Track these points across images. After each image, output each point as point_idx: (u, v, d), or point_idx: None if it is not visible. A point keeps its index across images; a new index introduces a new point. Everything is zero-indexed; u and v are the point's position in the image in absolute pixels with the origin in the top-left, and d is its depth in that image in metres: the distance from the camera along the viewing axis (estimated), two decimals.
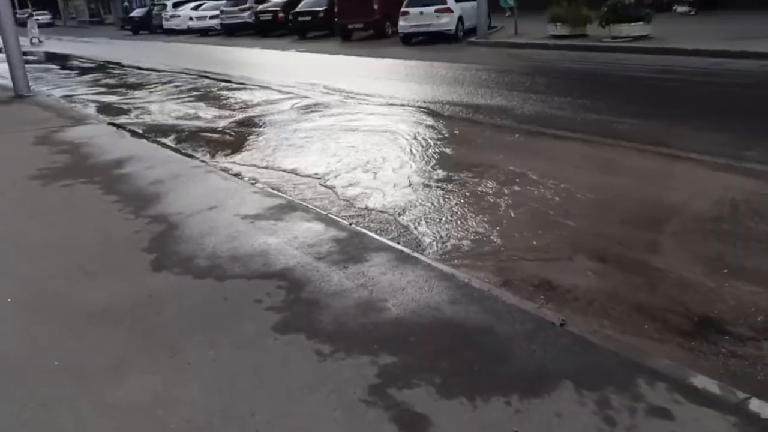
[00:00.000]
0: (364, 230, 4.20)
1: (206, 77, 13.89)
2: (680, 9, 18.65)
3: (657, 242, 3.98)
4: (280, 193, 5.10)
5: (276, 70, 14.75)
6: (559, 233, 4.16)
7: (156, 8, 33.64)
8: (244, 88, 11.84)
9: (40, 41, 30.28)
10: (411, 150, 6.40)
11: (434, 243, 4.12)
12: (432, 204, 4.82)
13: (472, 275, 3.50)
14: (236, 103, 10.29)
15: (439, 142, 6.67)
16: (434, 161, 5.99)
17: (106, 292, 3.43)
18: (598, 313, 3.21)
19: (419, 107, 8.71)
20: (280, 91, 11.08)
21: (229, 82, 12.88)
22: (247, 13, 26.24)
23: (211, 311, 3.17)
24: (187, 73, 14.80)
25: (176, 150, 6.96)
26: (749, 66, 10.12)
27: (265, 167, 6.25)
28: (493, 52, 14.90)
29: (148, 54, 21.47)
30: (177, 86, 12.79)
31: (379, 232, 4.28)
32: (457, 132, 7.15)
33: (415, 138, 6.87)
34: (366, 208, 4.83)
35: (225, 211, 4.60)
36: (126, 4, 46.03)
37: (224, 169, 5.96)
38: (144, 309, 3.23)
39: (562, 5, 15.09)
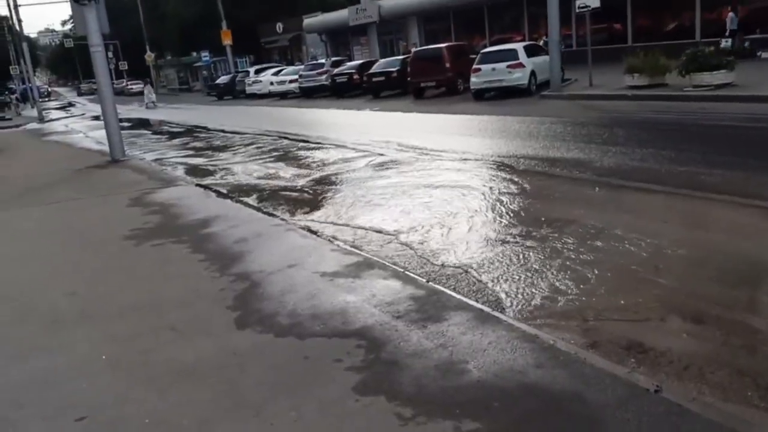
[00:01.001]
0: (442, 288, 4.17)
1: (285, 138, 14.47)
2: (765, 55, 17.97)
3: (756, 301, 3.72)
4: (357, 251, 5.16)
5: (351, 129, 15.20)
6: (648, 292, 3.97)
7: (239, 75, 35.71)
8: (321, 148, 12.23)
9: (155, 105, 33.17)
10: (487, 206, 6.36)
11: (514, 302, 4.02)
12: (511, 260, 4.73)
13: (557, 336, 3.38)
14: (313, 162, 10.62)
15: (515, 197, 6.60)
16: (511, 216, 5.92)
17: (193, 350, 3.54)
18: (695, 378, 3.01)
19: (494, 162, 8.69)
20: (354, 149, 11.36)
21: (307, 141, 13.35)
22: (324, 76, 27.44)
23: (292, 370, 3.20)
24: (267, 135, 15.48)
25: (258, 209, 7.22)
26: None
27: (343, 224, 6.36)
28: (567, 105, 14.79)
29: (232, 117, 22.69)
30: (258, 147, 13.39)
31: (457, 290, 4.22)
32: (533, 186, 7.07)
33: (491, 193, 6.84)
34: (443, 264, 4.79)
35: (304, 269, 4.69)
36: (209, 72, 49.15)
37: (303, 227, 6.11)
38: (228, 368, 3.30)
39: (639, 56, 14.86)
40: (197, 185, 9.06)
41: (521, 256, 4.79)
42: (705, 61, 13.12)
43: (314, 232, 5.91)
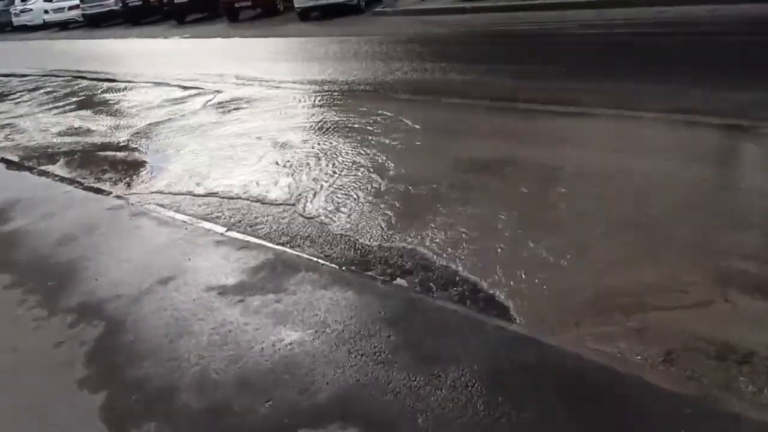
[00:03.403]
0: (423, 296, 2.89)
1: (82, 78, 11.66)
2: None
3: None
4: (252, 239, 3.65)
5: (165, 62, 12.71)
6: (675, 255, 3.05)
7: (2, 3, 29.37)
8: (136, 87, 9.90)
9: None
10: (392, 150, 5.08)
11: (527, 307, 2.88)
12: (488, 236, 3.56)
13: (613, 346, 2.32)
14: (132, 108, 8.43)
15: (419, 135, 5.40)
16: (433, 160, 4.72)
17: None
18: None
19: (362, 91, 7.35)
20: (182, 87, 9.27)
21: (114, 81, 10.80)
22: (113, 0, 23.26)
23: None
24: (57, 75, 12.41)
25: (76, 183, 5.22)
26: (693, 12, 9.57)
27: (208, 195, 4.70)
28: (405, 21, 13.66)
29: (1, 57, 18.34)
30: (49, 93, 10.55)
31: (431, 289, 2.97)
32: (431, 120, 5.89)
33: (385, 132, 5.55)
34: (388, 248, 3.49)
35: (188, 285, 3.12)
36: None
37: (156, 207, 4.37)
38: None
39: None
40: None
41: (496, 227, 3.64)
42: None
43: (177, 213, 4.22)
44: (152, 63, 12.57)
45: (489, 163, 4.45)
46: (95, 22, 23.99)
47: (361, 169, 4.74)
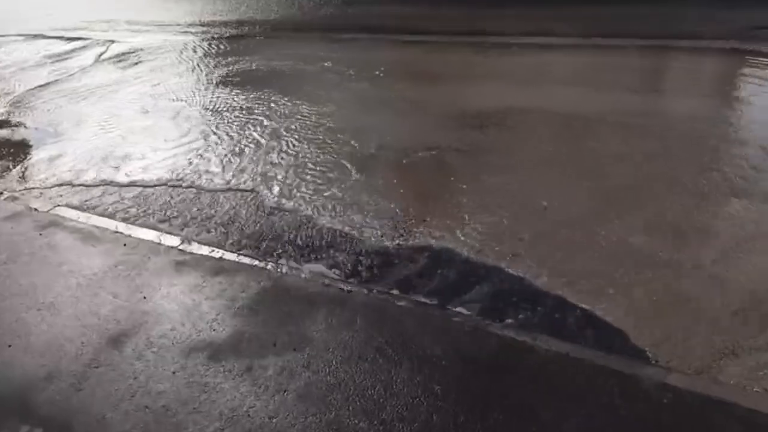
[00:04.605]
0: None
1: None
2: None
3: None
4: (233, 256, 2.66)
5: (34, 5, 10.67)
6: None
7: None
8: (2, 44, 8.10)
9: None
10: (357, 102, 4.13)
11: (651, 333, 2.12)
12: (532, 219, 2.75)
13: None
14: (3, 69, 6.80)
15: (383, 83, 4.45)
16: (416, 120, 3.83)
17: None
18: None
19: (297, 30, 6.21)
20: (63, 39, 7.65)
21: None
22: None
23: None
24: None
25: None
26: None
27: (138, 183, 3.57)
28: None
29: None
30: None
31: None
32: (372, 62, 4.94)
33: (339, 80, 4.56)
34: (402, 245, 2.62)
35: (156, 347, 2.12)
36: None
37: (70, 212, 3.22)
38: None
39: None
40: None
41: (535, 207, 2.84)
42: None
43: (103, 219, 3.10)
44: (16, 10, 10.51)
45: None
46: None
47: (325, 132, 3.78)
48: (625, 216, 2.66)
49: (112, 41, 7.03)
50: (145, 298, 2.35)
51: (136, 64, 6.12)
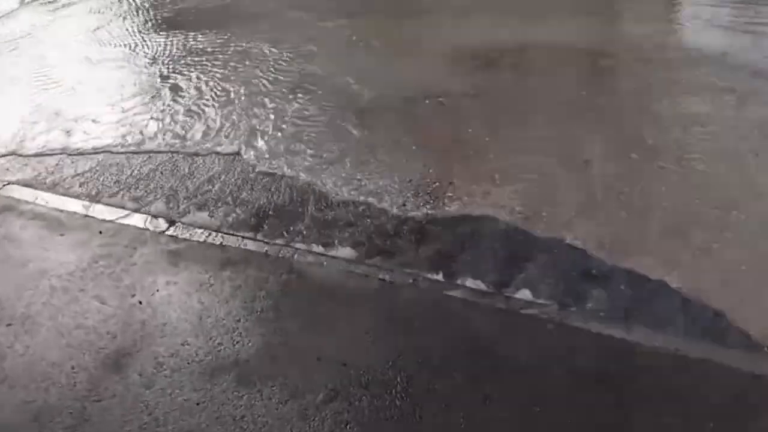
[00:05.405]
0: None
1: None
2: None
3: None
4: (235, 240, 2.25)
5: None
6: None
7: None
8: None
9: None
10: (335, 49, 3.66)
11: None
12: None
13: None
14: None
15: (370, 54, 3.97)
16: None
17: None
18: None
19: None
20: None
21: None
22: None
23: None
24: None
25: None
26: None
27: (101, 150, 3.05)
28: None
29: None
30: None
31: None
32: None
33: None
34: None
35: (163, 367, 1.74)
36: None
37: (23, 191, 2.72)
38: None
39: None
40: None
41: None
42: None
43: (67, 199, 2.62)
44: None
45: None
46: None
47: (310, 79, 3.31)
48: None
49: None
50: (140, 303, 1.95)
51: (69, 5, 5.36)
